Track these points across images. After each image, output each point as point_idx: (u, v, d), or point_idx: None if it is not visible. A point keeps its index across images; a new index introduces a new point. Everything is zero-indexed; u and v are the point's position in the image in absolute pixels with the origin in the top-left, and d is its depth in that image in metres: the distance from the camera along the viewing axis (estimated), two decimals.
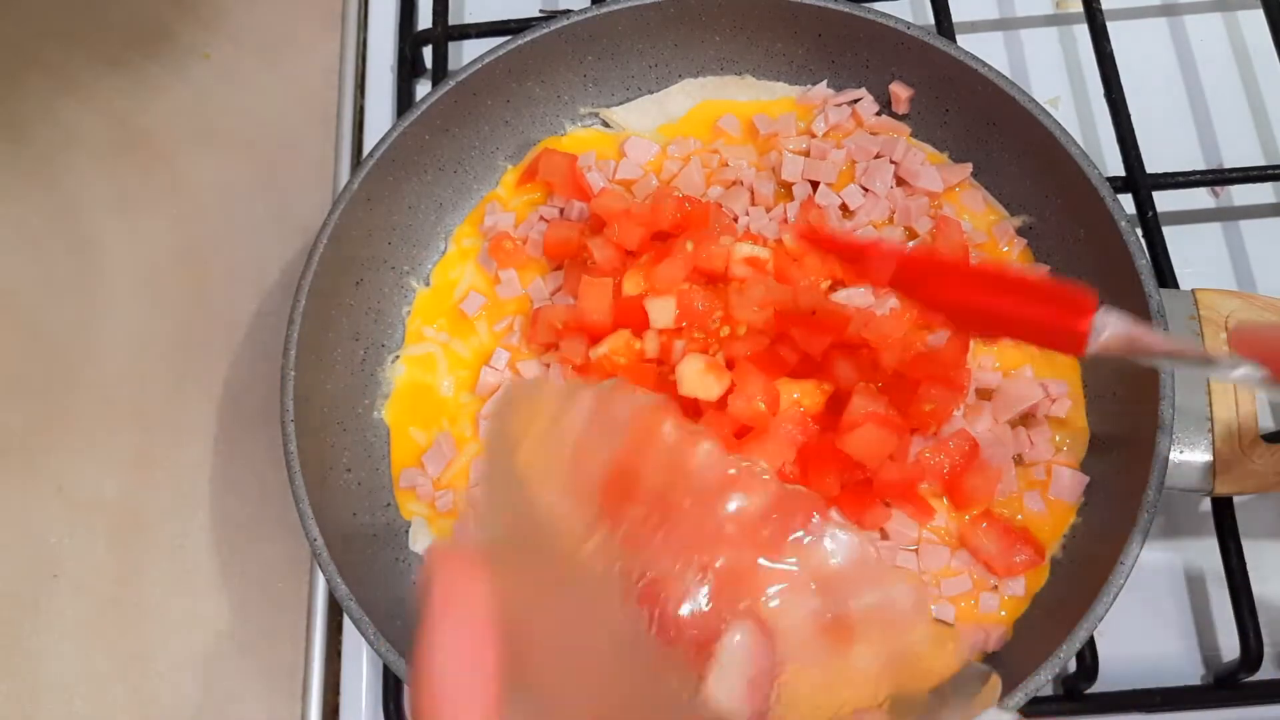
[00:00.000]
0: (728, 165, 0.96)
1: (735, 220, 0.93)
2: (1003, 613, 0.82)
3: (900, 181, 0.94)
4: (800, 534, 0.50)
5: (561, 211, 0.97)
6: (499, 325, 0.94)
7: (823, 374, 0.85)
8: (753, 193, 0.95)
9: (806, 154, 0.95)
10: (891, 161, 0.94)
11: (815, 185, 0.94)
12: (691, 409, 0.85)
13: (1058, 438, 0.86)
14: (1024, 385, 0.86)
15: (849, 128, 0.97)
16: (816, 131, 0.96)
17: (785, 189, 0.95)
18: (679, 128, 1.00)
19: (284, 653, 0.93)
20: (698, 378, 0.83)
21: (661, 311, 0.86)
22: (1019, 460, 0.85)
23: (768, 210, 0.94)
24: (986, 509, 0.84)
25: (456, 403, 0.93)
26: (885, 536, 0.83)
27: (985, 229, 0.93)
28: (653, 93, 1.01)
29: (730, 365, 0.85)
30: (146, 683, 0.92)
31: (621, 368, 0.86)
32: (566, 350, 0.88)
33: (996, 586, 0.82)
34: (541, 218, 0.97)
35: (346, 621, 0.92)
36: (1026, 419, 0.86)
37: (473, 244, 0.98)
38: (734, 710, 0.49)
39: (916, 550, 0.83)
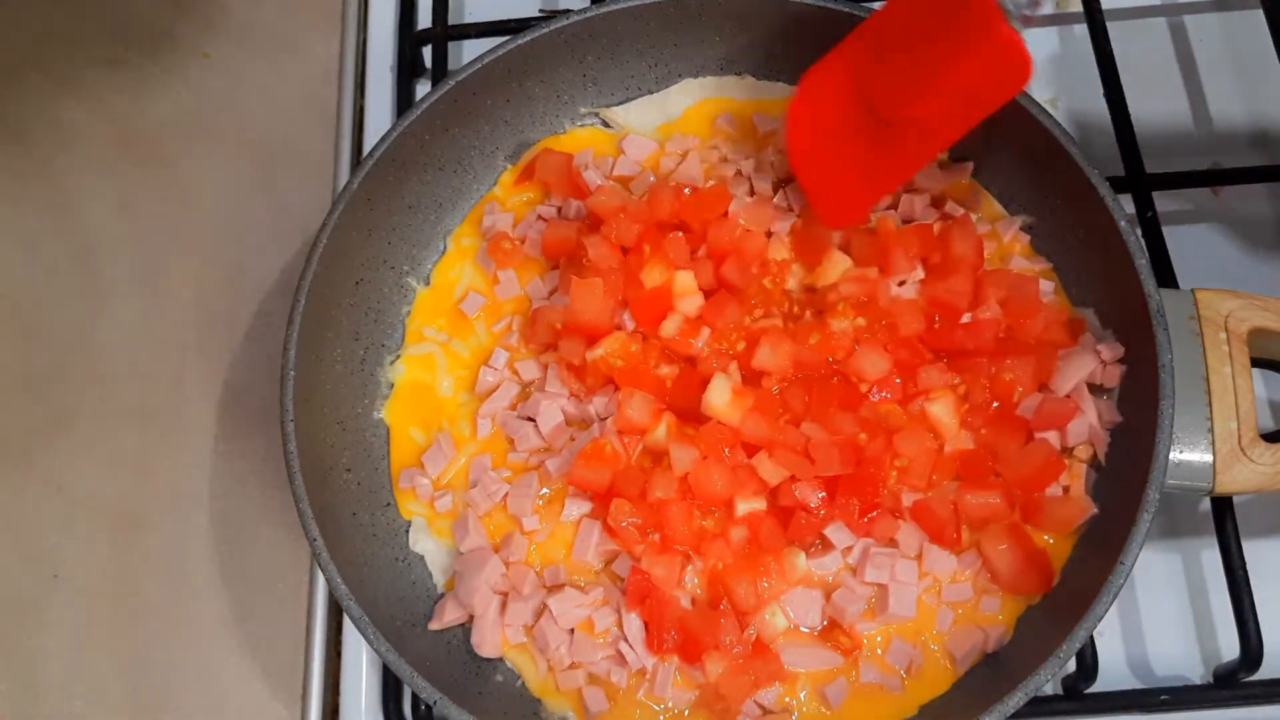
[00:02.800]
0: (727, 160, 0.96)
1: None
2: (1000, 616, 0.82)
3: None
4: None
5: (559, 210, 0.97)
6: (498, 325, 0.94)
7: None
8: (751, 186, 0.95)
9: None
10: None
11: None
12: (695, 415, 0.85)
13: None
14: (1079, 356, 0.85)
15: None
16: None
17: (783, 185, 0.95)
18: (678, 125, 1.00)
19: (284, 653, 0.93)
20: (726, 406, 0.84)
21: (689, 302, 0.87)
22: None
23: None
24: (1013, 525, 0.83)
25: (456, 402, 0.93)
26: (894, 545, 0.83)
27: (988, 220, 0.93)
28: (653, 93, 1.01)
29: (744, 371, 0.86)
30: (146, 683, 0.92)
31: (618, 370, 0.86)
32: (565, 350, 0.88)
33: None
34: (540, 217, 0.97)
35: (346, 621, 0.92)
36: None
37: (471, 244, 0.98)
38: None
39: (919, 556, 0.82)
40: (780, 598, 0.82)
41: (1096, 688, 0.83)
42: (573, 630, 0.83)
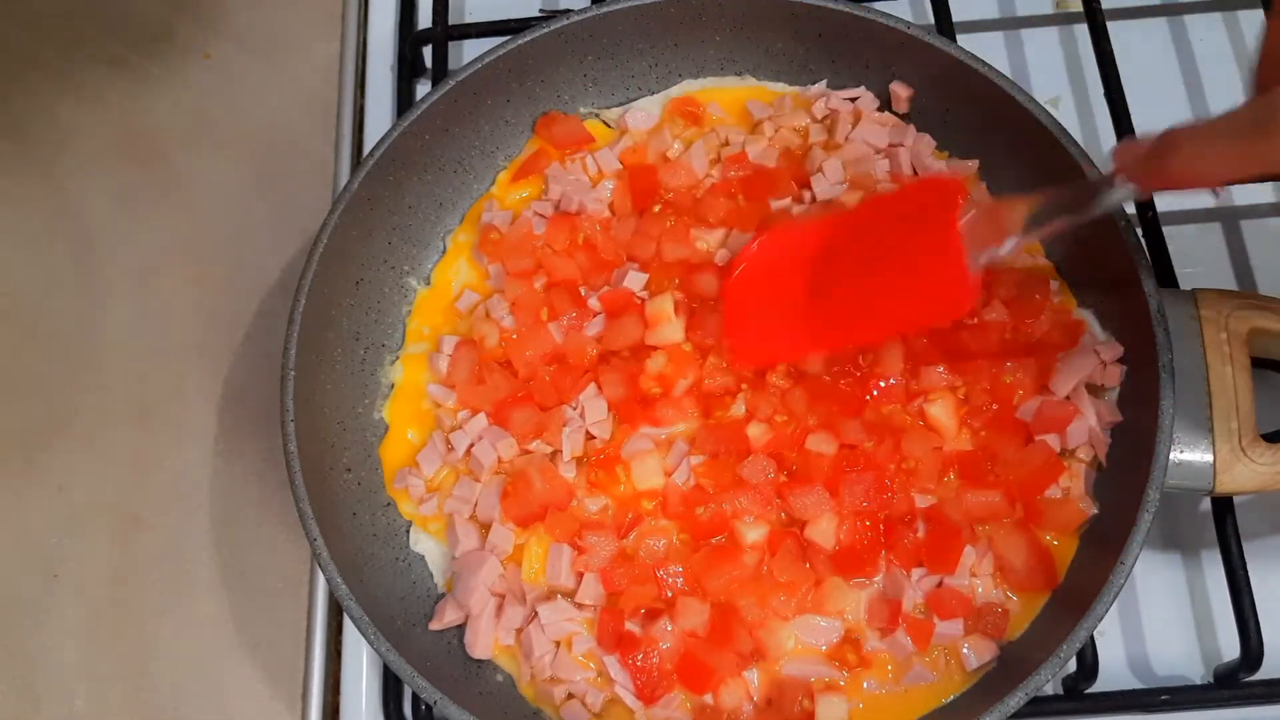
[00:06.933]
0: (728, 143, 0.96)
1: None
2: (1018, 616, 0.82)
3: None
4: None
5: (557, 206, 0.97)
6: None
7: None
8: None
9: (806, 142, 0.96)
10: (903, 146, 0.95)
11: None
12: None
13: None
14: (1078, 357, 0.85)
15: (849, 119, 0.96)
16: (817, 114, 0.96)
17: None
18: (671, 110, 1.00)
19: (284, 653, 0.93)
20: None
21: (669, 331, 0.89)
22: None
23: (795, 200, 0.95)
24: (1021, 522, 0.83)
25: (450, 403, 0.92)
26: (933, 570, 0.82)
27: None
28: (653, 93, 1.01)
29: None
30: (146, 683, 0.92)
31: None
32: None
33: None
34: (536, 213, 0.97)
35: (346, 621, 0.92)
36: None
37: (469, 241, 0.98)
38: None
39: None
40: (793, 620, 0.81)
41: (1096, 688, 0.83)
42: (559, 643, 0.82)
